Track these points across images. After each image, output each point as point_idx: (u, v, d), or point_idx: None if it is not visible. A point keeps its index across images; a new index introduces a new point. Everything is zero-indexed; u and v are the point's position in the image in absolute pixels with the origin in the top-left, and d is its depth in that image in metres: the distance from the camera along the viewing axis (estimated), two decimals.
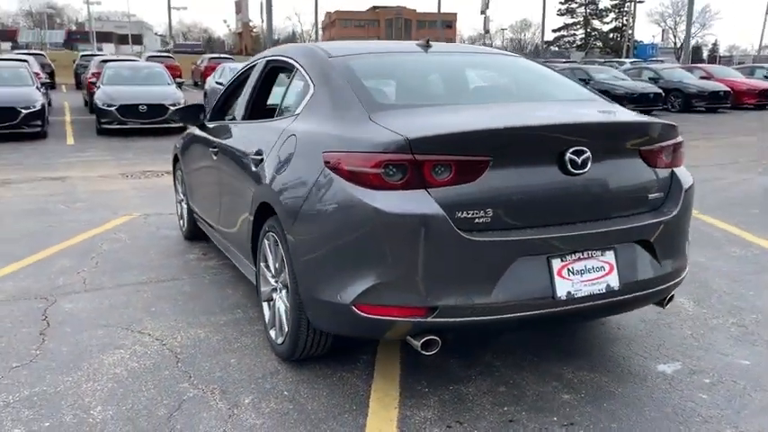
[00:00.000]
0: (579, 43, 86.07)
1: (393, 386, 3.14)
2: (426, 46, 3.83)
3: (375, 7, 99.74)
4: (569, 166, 2.77)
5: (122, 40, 79.85)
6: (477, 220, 2.66)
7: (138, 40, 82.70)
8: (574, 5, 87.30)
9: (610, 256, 2.87)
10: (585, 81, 20.84)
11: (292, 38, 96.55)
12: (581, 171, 2.79)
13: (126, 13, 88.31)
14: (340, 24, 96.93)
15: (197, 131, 5.09)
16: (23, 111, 12.67)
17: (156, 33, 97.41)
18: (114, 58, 22.91)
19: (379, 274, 2.66)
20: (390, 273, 2.66)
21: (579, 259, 2.81)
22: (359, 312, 2.70)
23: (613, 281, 2.85)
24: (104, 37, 78.10)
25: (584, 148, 2.79)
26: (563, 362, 3.39)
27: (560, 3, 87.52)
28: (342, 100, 3.11)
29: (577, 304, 2.79)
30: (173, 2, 77.73)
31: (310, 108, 3.29)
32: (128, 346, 3.62)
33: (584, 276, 2.81)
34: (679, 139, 3.19)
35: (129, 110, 13.48)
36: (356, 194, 2.66)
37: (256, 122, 4.01)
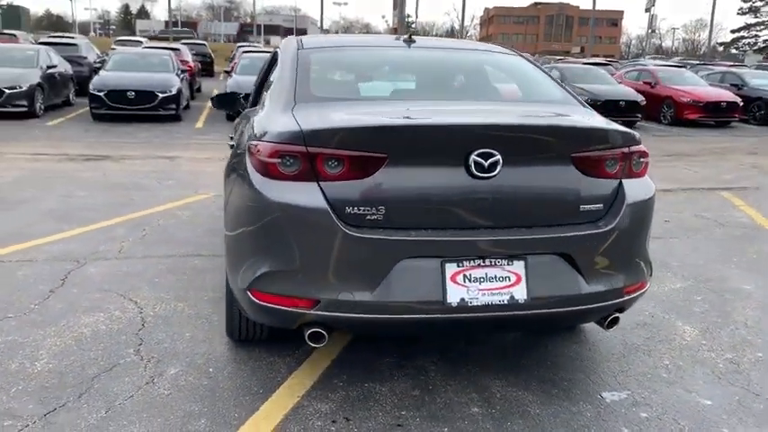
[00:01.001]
0: (762, 45, 78.31)
1: (312, 377, 3.18)
2: (409, 41, 3.78)
3: (536, 3, 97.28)
4: (474, 169, 2.64)
5: (288, 33, 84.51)
6: (368, 217, 2.62)
7: (302, 33, 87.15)
8: (759, 4, 79.56)
9: (518, 266, 2.70)
10: (738, 86, 19.06)
11: (451, 34, 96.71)
12: (488, 175, 2.65)
13: (293, 7, 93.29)
14: (498, 21, 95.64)
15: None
16: (160, 95, 13.81)
17: (319, 27, 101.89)
18: (253, 48, 24.26)
19: (269, 262, 2.71)
20: (278, 262, 2.70)
21: (480, 266, 2.67)
22: (253, 298, 2.76)
23: (519, 293, 2.68)
24: (272, 30, 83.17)
25: (493, 151, 2.64)
26: (501, 375, 3.24)
27: (742, 1, 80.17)
28: (283, 90, 3.17)
29: (472, 313, 2.66)
30: None
31: (269, 98, 3.39)
32: (110, 310, 3.93)
33: (483, 285, 2.67)
34: (633, 148, 2.91)
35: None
36: (256, 183, 2.73)
37: (248, 110, 4.18)
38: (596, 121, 3.08)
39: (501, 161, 2.65)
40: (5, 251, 4.99)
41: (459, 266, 2.65)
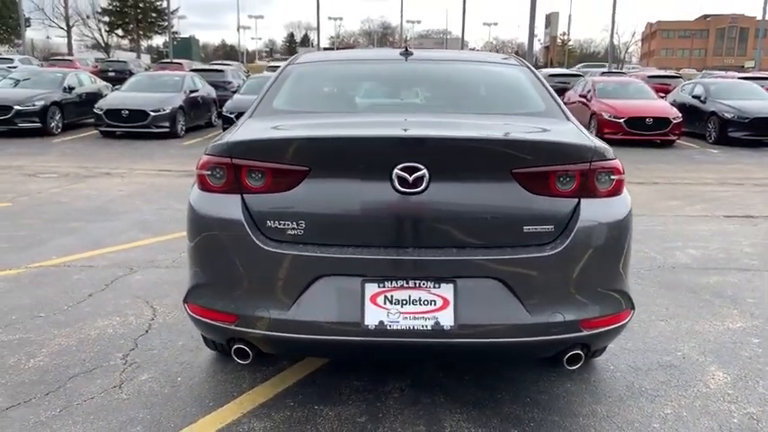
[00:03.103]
0: None
1: (268, 394, 3.13)
2: (406, 54, 3.65)
3: (706, 16, 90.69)
4: (397, 184, 2.48)
5: None
6: (289, 231, 2.55)
7: None
8: None
9: (446, 289, 2.48)
10: None
11: (610, 50, 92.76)
12: (414, 190, 2.48)
13: (444, 30, 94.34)
14: (661, 35, 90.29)
15: None
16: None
17: (468, 47, 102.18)
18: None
19: (198, 275, 2.72)
20: (204, 276, 2.70)
21: (403, 288, 2.49)
22: (188, 311, 2.78)
23: (446, 319, 2.47)
24: None
25: (418, 165, 2.47)
26: (464, 409, 2.99)
27: None
28: (252, 105, 3.20)
29: (391, 338, 2.48)
30: (486, 18, 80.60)
31: None
32: (128, 315, 4.15)
33: (405, 308, 2.48)
34: (597, 164, 2.58)
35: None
36: (192, 196, 2.76)
37: None
38: (557, 134, 2.77)
39: (428, 176, 2.47)
40: (76, 257, 5.44)
41: (380, 287, 2.49)
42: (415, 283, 2.49)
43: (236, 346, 2.68)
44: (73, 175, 9.85)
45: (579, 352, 2.62)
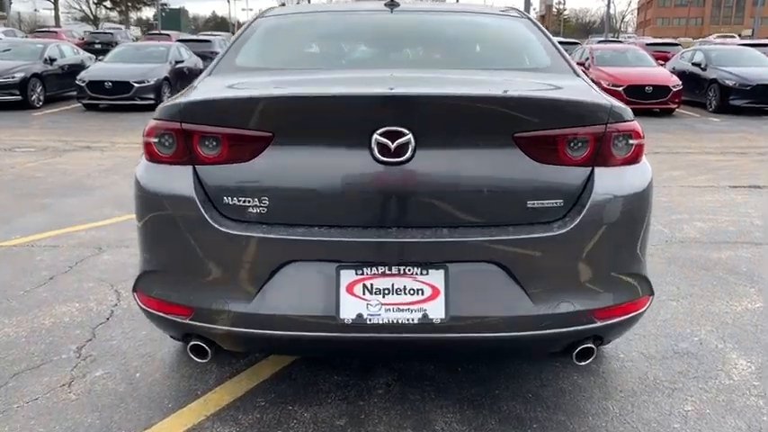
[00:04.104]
0: None
1: (237, 392, 2.77)
2: (392, 5, 3.22)
3: None
4: (377, 152, 2.09)
5: None
6: (249, 210, 2.16)
7: None
8: None
9: (436, 276, 2.11)
10: None
11: (606, 19, 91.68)
12: (398, 159, 2.09)
13: None
14: (657, 4, 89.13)
15: None
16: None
17: None
18: None
19: (147, 261, 2.35)
20: (154, 261, 2.32)
21: (385, 275, 2.12)
22: (138, 301, 2.41)
23: (435, 311, 2.10)
24: None
25: (402, 130, 2.07)
26: (457, 407, 2.65)
27: None
28: (212, 62, 2.79)
29: (371, 333, 2.11)
30: None
31: None
32: (89, 300, 3.77)
33: (388, 298, 2.11)
34: (614, 126, 2.19)
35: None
36: (138, 168, 2.37)
37: None
38: (566, 91, 2.38)
39: (413, 142, 2.07)
40: (41, 236, 5.05)
41: (357, 274, 2.11)
42: (400, 270, 2.12)
43: (191, 343, 2.31)
44: (51, 149, 9.41)
45: (591, 345, 2.26)
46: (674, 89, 13.83)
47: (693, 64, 15.71)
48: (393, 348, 2.31)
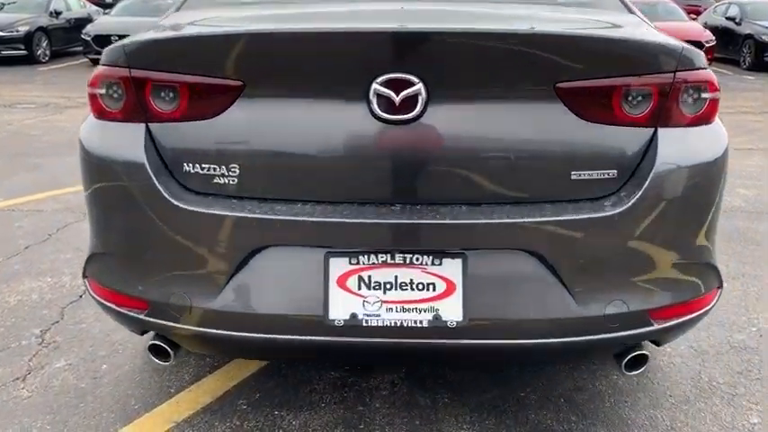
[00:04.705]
0: None
1: (216, 392, 2.37)
2: None
3: None
4: (377, 107, 1.61)
5: None
6: (215, 180, 1.71)
7: None
8: None
9: (452, 268, 1.65)
10: None
11: None
12: (404, 117, 1.61)
13: None
14: None
15: None
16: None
17: None
18: None
19: (96, 239, 1.91)
20: (103, 241, 1.88)
21: (387, 265, 1.66)
22: (90, 290, 1.98)
23: (450, 311, 1.64)
24: None
25: (411, 78, 1.59)
26: (475, 416, 2.21)
27: None
28: None
29: (368, 338, 1.66)
30: None
31: None
32: (64, 273, 3.39)
33: (389, 294, 1.66)
34: (684, 74, 1.68)
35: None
36: (84, 126, 1.91)
37: None
38: (623, 30, 1.87)
39: (424, 94, 1.59)
40: (25, 199, 4.67)
41: (352, 263, 1.66)
42: (406, 259, 1.66)
43: (150, 342, 1.88)
44: (53, 105, 9.01)
45: (645, 352, 1.80)
46: (707, 45, 13.03)
47: (727, 18, 14.87)
48: (395, 356, 1.88)
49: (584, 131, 1.65)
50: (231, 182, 1.69)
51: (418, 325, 1.65)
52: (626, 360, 1.81)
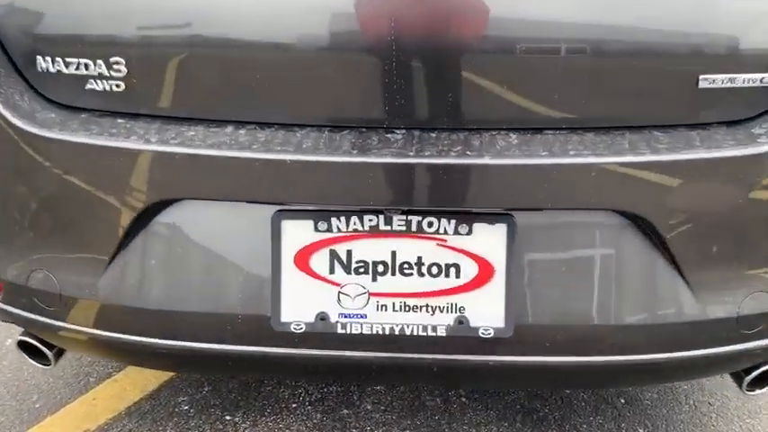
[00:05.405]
0: None
1: (139, 391, 1.74)
2: None
3: None
4: None
5: None
6: (89, 85, 1.01)
7: None
8: None
9: (488, 238, 0.97)
10: None
11: None
12: None
13: None
14: None
15: None
16: None
17: None
18: None
19: None
20: None
21: (377, 232, 0.98)
22: None
23: (485, 310, 0.99)
24: None
25: None
26: None
27: None
28: None
29: (346, 352, 1.01)
30: None
31: None
32: None
33: (382, 281, 0.99)
34: None
35: None
36: None
37: None
38: None
39: None
40: None
41: (319, 230, 0.98)
42: (410, 224, 0.98)
43: (19, 338, 1.23)
44: None
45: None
46: None
47: None
48: (389, 376, 1.23)
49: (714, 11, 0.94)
50: (116, 87, 1.00)
51: (430, 334, 0.98)
52: (752, 376, 1.16)
